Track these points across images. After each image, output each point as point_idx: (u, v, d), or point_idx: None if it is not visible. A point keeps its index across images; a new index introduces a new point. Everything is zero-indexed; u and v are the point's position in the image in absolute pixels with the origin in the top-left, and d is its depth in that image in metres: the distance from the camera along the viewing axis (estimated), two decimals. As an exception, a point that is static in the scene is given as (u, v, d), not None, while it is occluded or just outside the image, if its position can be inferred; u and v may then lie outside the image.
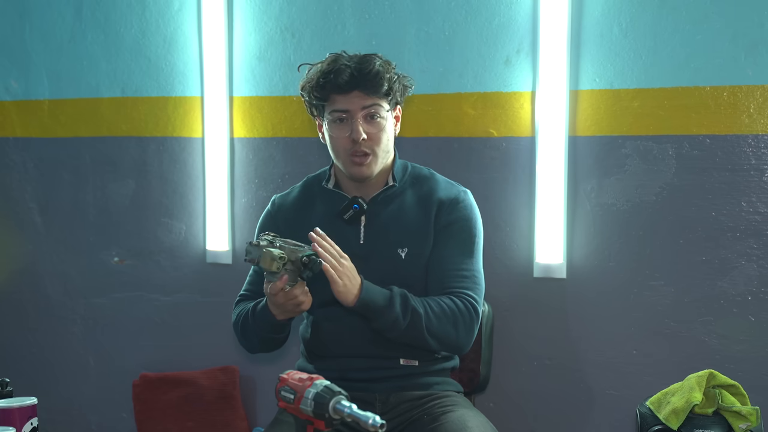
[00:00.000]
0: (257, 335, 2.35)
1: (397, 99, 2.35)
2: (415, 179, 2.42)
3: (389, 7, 3.06)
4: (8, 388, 2.13)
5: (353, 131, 2.28)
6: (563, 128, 2.88)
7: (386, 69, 2.30)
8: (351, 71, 2.27)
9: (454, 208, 2.37)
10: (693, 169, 2.80)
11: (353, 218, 2.35)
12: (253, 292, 2.43)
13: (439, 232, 2.35)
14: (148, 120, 3.42)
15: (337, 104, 2.30)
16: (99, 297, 3.54)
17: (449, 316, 2.26)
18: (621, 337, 2.89)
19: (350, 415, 1.61)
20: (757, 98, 2.73)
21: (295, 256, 2.14)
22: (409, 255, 2.33)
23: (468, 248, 2.36)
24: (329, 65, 2.30)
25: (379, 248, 2.34)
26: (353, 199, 2.35)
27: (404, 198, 2.39)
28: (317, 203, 2.42)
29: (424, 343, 2.27)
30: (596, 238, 2.90)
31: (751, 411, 2.25)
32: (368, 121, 2.30)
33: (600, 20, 2.84)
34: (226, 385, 3.29)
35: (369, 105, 2.29)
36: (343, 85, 2.28)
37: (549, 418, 3.00)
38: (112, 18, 3.43)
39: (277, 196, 2.51)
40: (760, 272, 2.76)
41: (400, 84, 2.34)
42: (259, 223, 2.49)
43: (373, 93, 2.29)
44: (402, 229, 2.35)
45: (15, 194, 3.64)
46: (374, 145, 2.30)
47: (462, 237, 2.36)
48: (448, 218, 2.36)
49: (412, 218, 2.36)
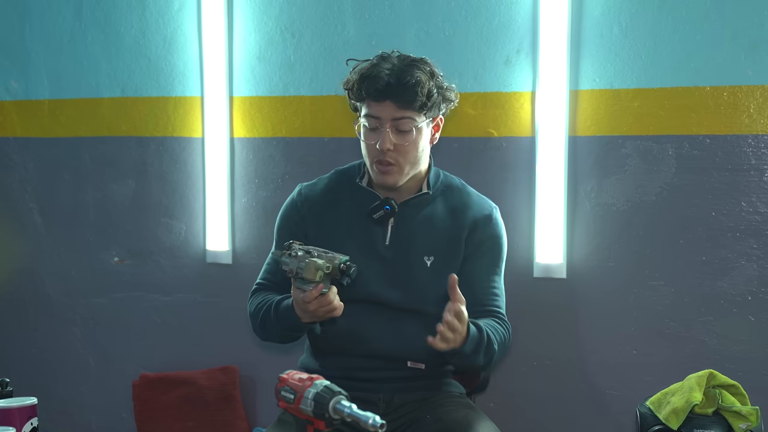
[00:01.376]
0: (277, 332, 2.33)
1: (435, 112, 2.30)
2: (447, 188, 2.40)
3: (389, 7, 3.06)
4: (8, 388, 2.13)
5: (381, 141, 2.25)
6: (563, 128, 2.88)
7: (425, 81, 2.23)
8: (387, 80, 2.22)
9: (487, 225, 2.37)
10: (693, 169, 2.80)
11: (382, 219, 2.33)
12: (272, 282, 2.40)
13: (472, 247, 2.35)
14: (148, 120, 3.42)
15: (370, 110, 2.26)
16: (99, 297, 3.54)
17: (504, 345, 2.32)
18: (621, 337, 2.90)
19: (350, 415, 1.61)
20: (757, 98, 2.73)
21: (333, 264, 2.11)
22: (435, 264, 2.32)
23: (498, 265, 2.39)
24: (369, 69, 2.25)
25: (405, 253, 2.32)
26: (385, 200, 2.32)
27: (435, 206, 2.37)
28: (346, 198, 2.39)
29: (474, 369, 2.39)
30: (596, 238, 2.90)
31: (751, 411, 2.25)
32: (397, 132, 2.25)
33: (600, 20, 2.84)
34: (226, 385, 3.29)
35: (399, 117, 2.24)
36: (377, 93, 2.23)
37: (549, 418, 3.00)
38: (112, 18, 3.43)
39: (304, 186, 2.46)
40: (760, 272, 2.76)
41: (439, 96, 2.28)
42: (281, 212, 2.45)
43: (405, 106, 2.23)
44: (430, 237, 2.33)
45: (15, 194, 3.64)
46: (399, 157, 2.27)
47: (494, 253, 2.38)
48: (482, 235, 2.36)
49: (442, 228, 2.35)
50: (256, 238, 3.27)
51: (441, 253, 2.33)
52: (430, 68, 2.28)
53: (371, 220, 2.33)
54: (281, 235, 2.43)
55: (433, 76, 2.27)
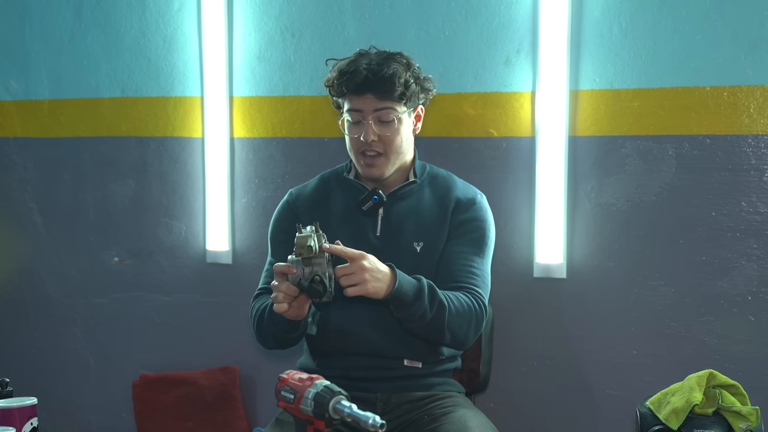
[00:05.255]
0: (270, 333, 2.33)
1: (415, 101, 2.36)
2: (433, 178, 2.45)
3: (389, 7, 3.06)
4: (8, 388, 2.13)
5: (364, 133, 2.31)
6: (563, 128, 2.88)
7: (402, 72, 2.30)
8: (366, 74, 2.29)
9: (470, 207, 2.39)
10: (693, 169, 2.80)
11: (371, 210, 2.36)
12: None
13: (453, 228, 2.37)
14: (148, 120, 3.42)
15: (352, 104, 2.33)
16: (99, 297, 3.54)
17: (466, 312, 2.26)
18: (621, 337, 2.90)
19: (350, 415, 1.61)
20: (757, 98, 2.73)
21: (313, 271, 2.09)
22: (425, 249, 2.34)
23: (480, 248, 2.38)
24: (348, 65, 2.32)
25: (396, 241, 2.35)
26: (373, 191, 2.36)
27: (422, 194, 2.41)
28: (336, 193, 2.44)
29: (440, 336, 2.26)
30: (596, 238, 2.90)
31: (751, 411, 2.25)
32: (380, 123, 2.32)
33: (600, 20, 2.84)
34: (226, 385, 3.29)
35: (381, 108, 2.31)
36: (356, 87, 2.30)
37: (549, 418, 3.00)
38: (112, 18, 3.43)
39: (294, 189, 2.52)
40: (760, 272, 2.76)
41: (418, 86, 2.35)
42: (275, 216, 2.49)
43: (385, 96, 2.30)
44: (418, 223, 2.37)
45: (15, 194, 3.64)
46: (386, 147, 2.33)
47: (475, 236, 2.38)
48: (463, 216, 2.38)
49: (429, 214, 2.38)
50: (256, 238, 3.27)
51: (429, 237, 2.35)
52: (407, 60, 2.36)
53: (361, 212, 2.36)
54: (275, 236, 2.46)
55: (409, 67, 2.35)
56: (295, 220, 2.39)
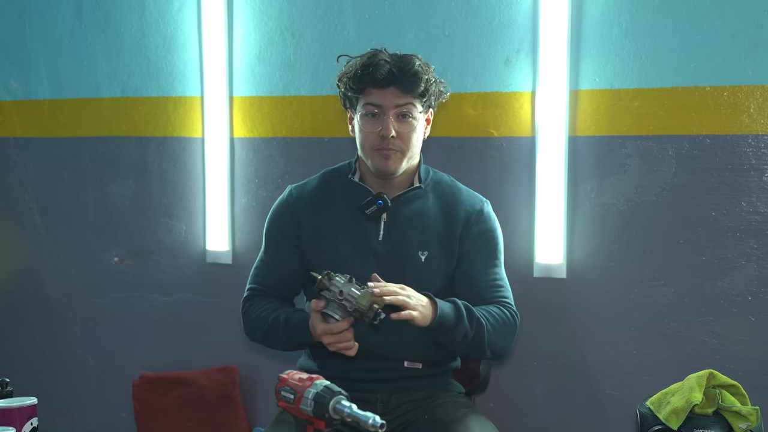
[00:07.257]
0: (284, 345, 2.35)
1: (431, 102, 2.36)
2: (437, 184, 2.43)
3: (389, 7, 3.06)
4: (8, 388, 2.13)
5: (384, 127, 2.28)
6: (563, 128, 2.88)
7: (425, 70, 2.31)
8: (390, 67, 2.28)
9: (479, 219, 2.39)
10: (693, 169, 2.80)
11: (374, 214, 2.34)
12: (268, 287, 2.41)
13: (466, 244, 2.36)
14: (148, 120, 3.42)
15: (371, 98, 2.30)
16: (99, 297, 3.54)
17: (503, 325, 2.29)
18: (621, 337, 2.90)
19: (350, 415, 1.61)
20: (757, 98, 2.73)
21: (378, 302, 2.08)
22: (429, 258, 2.33)
23: (496, 257, 2.40)
24: (369, 58, 2.31)
25: (399, 248, 2.34)
26: (378, 195, 2.34)
27: (427, 201, 2.39)
28: (338, 194, 2.41)
29: (480, 353, 2.29)
30: (596, 238, 2.90)
31: (751, 411, 2.25)
32: (400, 119, 2.30)
33: (600, 20, 2.84)
34: (226, 385, 3.29)
35: (403, 103, 2.29)
36: (380, 79, 2.28)
37: (549, 418, 3.00)
38: (112, 18, 3.43)
39: (294, 186, 2.48)
40: (760, 272, 2.76)
41: (436, 87, 2.35)
42: (272, 214, 2.46)
43: (408, 92, 2.29)
44: (423, 232, 2.35)
45: (15, 194, 3.64)
46: (403, 144, 2.30)
47: (490, 248, 2.39)
48: (475, 230, 2.37)
49: (435, 223, 2.36)
50: (256, 238, 3.27)
51: (435, 248, 2.34)
52: (424, 61, 2.36)
53: (364, 216, 2.34)
54: (271, 235, 2.44)
55: (428, 66, 2.35)
56: (293, 222, 2.37)
